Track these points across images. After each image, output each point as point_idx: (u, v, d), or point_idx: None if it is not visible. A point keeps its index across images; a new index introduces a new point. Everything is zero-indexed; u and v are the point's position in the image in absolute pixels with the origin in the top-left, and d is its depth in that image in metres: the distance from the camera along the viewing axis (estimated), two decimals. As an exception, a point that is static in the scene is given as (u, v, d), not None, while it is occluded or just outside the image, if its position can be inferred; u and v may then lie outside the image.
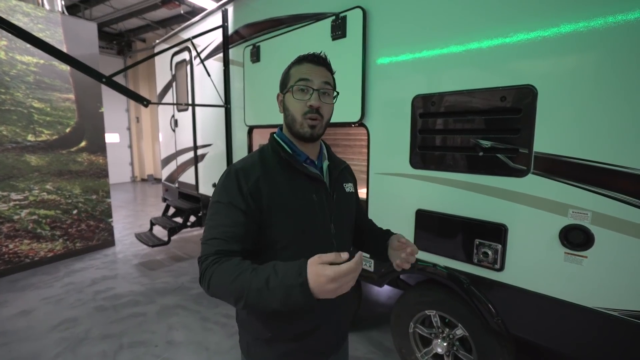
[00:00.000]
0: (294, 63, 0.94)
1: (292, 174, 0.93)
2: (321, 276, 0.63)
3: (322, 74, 0.91)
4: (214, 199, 0.90)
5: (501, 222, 1.51)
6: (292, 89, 0.90)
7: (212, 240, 0.84)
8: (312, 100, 0.88)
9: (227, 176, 0.89)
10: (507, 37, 1.42)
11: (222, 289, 0.77)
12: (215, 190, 0.91)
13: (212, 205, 0.89)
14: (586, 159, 1.27)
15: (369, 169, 2.02)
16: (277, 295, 0.68)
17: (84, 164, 4.33)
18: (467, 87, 1.55)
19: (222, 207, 0.87)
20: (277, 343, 0.95)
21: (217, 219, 0.86)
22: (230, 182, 0.88)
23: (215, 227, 0.85)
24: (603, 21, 1.20)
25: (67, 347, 2.46)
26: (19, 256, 3.81)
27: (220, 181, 0.91)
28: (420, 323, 2.03)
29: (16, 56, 3.65)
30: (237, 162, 0.94)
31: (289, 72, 0.94)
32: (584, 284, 1.33)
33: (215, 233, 0.84)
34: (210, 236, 0.84)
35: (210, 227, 0.86)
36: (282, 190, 0.89)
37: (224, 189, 0.88)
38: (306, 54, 0.93)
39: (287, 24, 2.38)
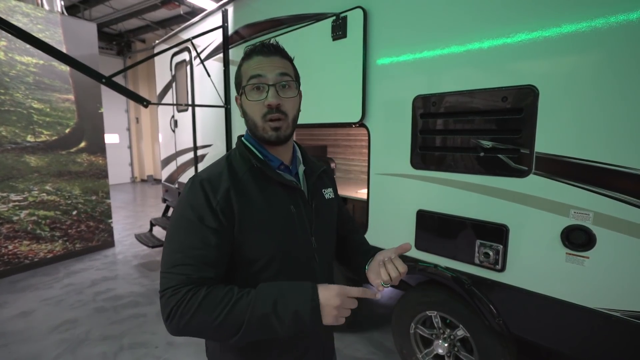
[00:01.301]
0: (244, 58, 0.81)
1: (265, 183, 0.81)
2: (331, 299, 0.65)
3: (276, 64, 0.78)
4: (176, 215, 0.75)
5: (502, 222, 1.51)
6: (244, 89, 0.78)
7: (179, 267, 0.69)
8: (270, 99, 0.76)
9: (192, 188, 0.75)
10: (508, 37, 1.42)
11: (210, 323, 0.65)
12: (177, 205, 0.76)
13: (175, 223, 0.74)
14: (588, 159, 1.27)
15: (370, 170, 2.01)
16: (286, 320, 0.65)
17: (83, 164, 4.32)
18: (468, 87, 1.55)
19: (188, 226, 0.72)
20: None
21: (182, 241, 0.71)
22: (196, 195, 0.73)
23: (181, 251, 0.70)
24: (604, 21, 1.20)
25: (67, 349, 2.45)
26: (19, 257, 3.80)
27: (183, 194, 0.76)
28: (421, 324, 2.03)
29: (16, 57, 3.64)
30: (202, 170, 0.80)
31: (240, 69, 0.81)
32: (586, 285, 1.33)
33: (181, 258, 0.69)
34: (175, 262, 0.69)
35: (174, 250, 0.71)
36: (255, 202, 0.77)
37: (188, 204, 0.73)
38: (255, 44, 0.80)
39: (287, 25, 2.37)
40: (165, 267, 0.70)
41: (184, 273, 0.68)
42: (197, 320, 0.66)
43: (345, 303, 0.67)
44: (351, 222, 1.12)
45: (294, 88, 0.80)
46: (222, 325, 0.65)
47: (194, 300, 0.66)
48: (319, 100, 2.20)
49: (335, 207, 1.00)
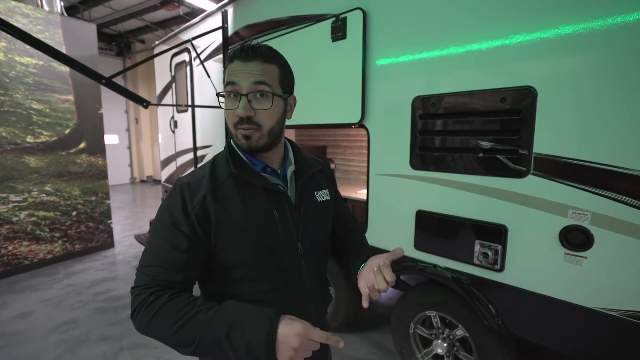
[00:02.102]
0: (227, 60, 0.77)
1: (247, 188, 0.78)
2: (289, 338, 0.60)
3: (252, 71, 0.72)
4: (155, 218, 0.77)
5: (501, 222, 1.52)
6: (221, 95, 0.76)
7: (149, 267, 0.71)
8: (239, 110, 0.72)
9: (173, 192, 0.77)
10: (507, 39, 1.43)
11: (166, 331, 0.65)
12: (159, 207, 0.78)
13: (154, 226, 0.77)
14: (586, 160, 1.28)
15: (369, 170, 2.02)
16: (238, 348, 0.62)
17: (83, 165, 4.33)
18: (467, 88, 1.56)
19: (163, 229, 0.74)
20: None
21: (156, 243, 0.73)
22: (174, 200, 0.75)
23: (153, 252, 0.73)
24: (602, 23, 1.21)
25: (66, 349, 2.45)
26: (18, 258, 3.80)
27: (165, 197, 0.79)
28: (421, 324, 2.04)
29: (15, 57, 3.64)
30: (187, 174, 0.81)
31: (225, 73, 0.77)
32: (584, 285, 1.33)
33: (153, 259, 0.72)
34: (147, 263, 0.72)
35: (147, 251, 0.74)
36: (234, 208, 0.75)
37: (166, 208, 0.75)
38: (238, 47, 0.75)
39: (287, 26, 2.38)
40: (140, 265, 0.73)
41: (152, 274, 0.70)
42: (154, 325, 0.67)
43: (304, 345, 0.61)
44: (352, 222, 1.08)
45: (270, 98, 0.74)
46: (175, 336, 0.65)
47: (155, 304, 0.67)
48: (318, 101, 2.21)
49: (329, 209, 0.95)
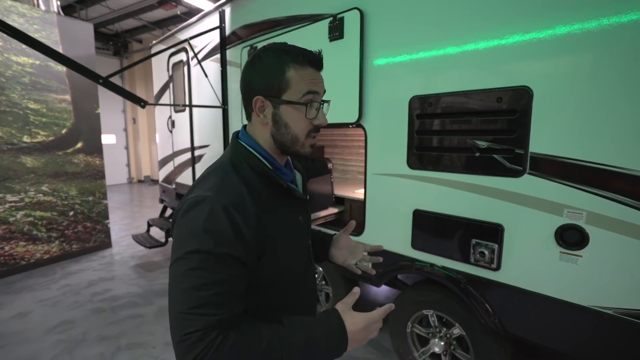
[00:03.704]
0: (293, 63, 0.71)
1: (279, 196, 0.76)
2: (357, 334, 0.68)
3: (322, 81, 0.75)
4: (192, 245, 0.63)
5: (498, 222, 1.53)
6: (293, 101, 0.71)
7: (205, 307, 0.60)
8: (321, 119, 0.74)
9: (213, 215, 0.64)
10: (503, 39, 1.44)
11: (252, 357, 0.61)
12: (190, 233, 0.64)
13: (192, 256, 0.62)
14: (581, 160, 1.29)
15: (367, 170, 2.03)
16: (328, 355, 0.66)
17: (80, 165, 4.31)
18: (464, 88, 1.57)
19: (213, 259, 0.62)
20: None
21: (205, 276, 0.61)
22: (221, 224, 0.63)
23: (204, 288, 0.61)
24: (597, 23, 1.22)
25: (64, 349, 2.45)
26: (15, 258, 3.78)
27: (198, 220, 0.64)
28: (418, 323, 2.05)
29: (11, 57, 3.63)
30: (215, 192, 0.66)
31: (285, 73, 0.70)
32: (579, 283, 1.35)
33: (207, 296, 0.60)
34: (199, 301, 0.60)
35: (194, 287, 0.61)
36: (279, 221, 0.73)
37: (210, 234, 0.63)
38: (305, 51, 0.73)
39: (284, 25, 2.38)
40: (184, 306, 0.60)
41: (212, 313, 0.60)
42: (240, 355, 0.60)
43: (370, 330, 0.70)
44: None
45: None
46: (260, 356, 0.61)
47: (223, 346, 0.59)
48: (316, 101, 2.21)
49: None
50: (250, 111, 0.77)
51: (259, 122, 0.76)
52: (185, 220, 0.66)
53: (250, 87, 0.74)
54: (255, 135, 0.79)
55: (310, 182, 2.30)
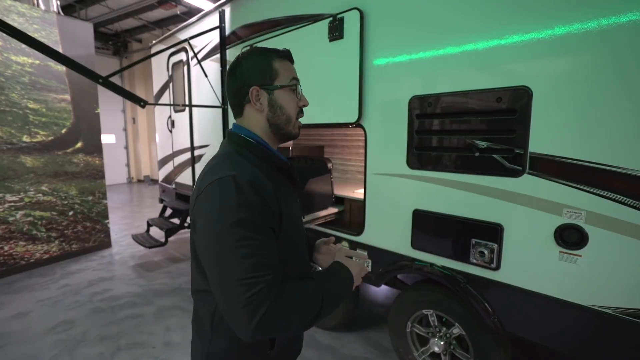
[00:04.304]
0: (276, 58, 0.85)
1: (282, 178, 0.88)
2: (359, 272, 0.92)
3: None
4: (230, 220, 0.69)
5: (497, 221, 1.53)
6: (283, 87, 0.84)
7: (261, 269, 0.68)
8: (304, 100, 0.90)
9: (242, 191, 0.71)
10: (503, 39, 1.44)
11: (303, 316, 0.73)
12: (221, 210, 0.70)
13: (234, 230, 0.68)
14: (580, 159, 1.29)
15: (367, 170, 2.03)
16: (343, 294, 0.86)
17: (80, 165, 4.31)
18: (464, 88, 1.57)
19: (253, 228, 0.69)
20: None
21: (252, 244, 0.68)
22: (253, 197, 0.71)
23: (255, 254, 0.68)
24: (596, 23, 1.22)
25: (63, 349, 2.45)
26: (14, 258, 3.78)
27: (229, 196, 0.70)
28: (418, 322, 2.05)
29: (11, 56, 3.63)
30: (237, 172, 0.74)
31: (272, 65, 0.84)
32: (579, 283, 1.35)
33: (259, 260, 0.68)
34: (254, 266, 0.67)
35: (246, 255, 0.67)
36: (288, 200, 0.83)
37: (244, 206, 0.69)
38: (280, 50, 0.87)
39: (284, 25, 2.38)
40: (242, 274, 0.66)
41: (267, 273, 0.68)
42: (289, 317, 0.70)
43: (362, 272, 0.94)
44: None
45: None
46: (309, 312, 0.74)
47: (284, 297, 0.69)
48: (315, 101, 2.21)
49: None
50: (244, 104, 0.86)
51: (255, 110, 0.86)
52: (215, 199, 0.72)
53: (244, 83, 0.84)
54: (249, 126, 0.88)
55: (310, 182, 2.30)
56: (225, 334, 0.83)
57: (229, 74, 0.87)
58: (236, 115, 0.90)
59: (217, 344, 0.84)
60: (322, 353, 2.40)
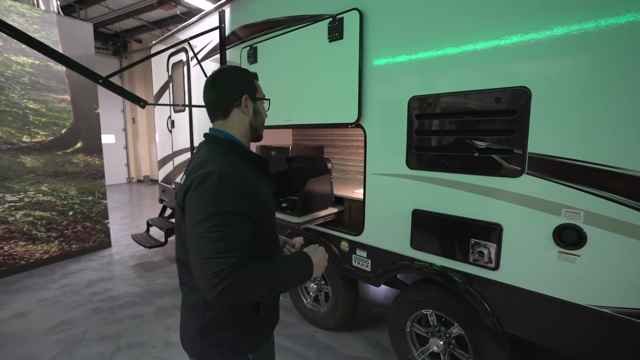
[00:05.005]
0: (254, 77, 1.09)
1: (258, 174, 1.05)
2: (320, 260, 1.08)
3: None
4: (211, 209, 0.85)
5: (496, 221, 1.53)
6: (261, 99, 1.10)
7: (228, 252, 0.83)
8: (266, 114, 1.15)
9: (224, 184, 0.87)
10: (502, 39, 1.44)
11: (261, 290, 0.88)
12: (209, 196, 0.86)
13: (212, 217, 0.85)
14: (579, 160, 1.30)
15: (366, 170, 2.03)
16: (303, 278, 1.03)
17: (79, 165, 4.31)
18: (463, 88, 1.57)
19: (229, 217, 0.86)
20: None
21: (225, 230, 0.84)
22: (233, 190, 0.88)
23: (226, 238, 0.84)
24: (595, 24, 1.23)
25: (63, 349, 2.45)
26: (14, 258, 3.78)
27: (213, 186, 0.86)
28: (417, 322, 2.05)
29: (11, 57, 3.63)
30: (222, 168, 0.90)
31: (253, 82, 1.08)
32: (577, 282, 1.35)
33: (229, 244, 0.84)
34: (223, 248, 0.83)
35: (218, 239, 0.83)
36: (264, 191, 1.00)
37: (224, 197, 0.86)
38: (254, 72, 1.12)
39: (284, 26, 2.39)
40: (212, 253, 0.82)
41: (233, 256, 0.83)
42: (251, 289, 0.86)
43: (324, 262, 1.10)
44: None
45: None
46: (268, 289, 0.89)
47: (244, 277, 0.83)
48: (315, 101, 2.22)
49: None
50: (233, 108, 1.04)
51: (242, 113, 1.05)
52: (201, 190, 0.88)
53: (236, 90, 1.03)
54: (231, 128, 1.05)
55: (309, 182, 2.31)
56: (217, 307, 0.99)
57: (218, 81, 1.04)
58: (219, 117, 1.05)
59: (210, 315, 1.00)
60: (322, 353, 2.40)
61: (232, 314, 1.01)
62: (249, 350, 1.07)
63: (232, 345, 1.02)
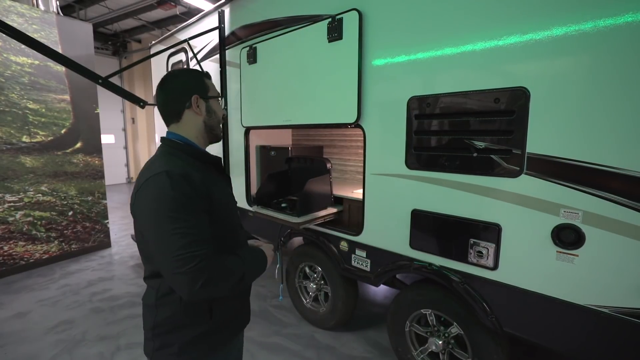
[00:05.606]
0: (205, 76, 1.08)
1: (213, 173, 1.06)
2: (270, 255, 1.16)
3: None
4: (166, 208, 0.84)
5: (495, 221, 1.54)
6: (215, 98, 1.09)
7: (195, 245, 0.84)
8: (223, 110, 1.15)
9: (173, 181, 0.87)
10: (501, 40, 1.45)
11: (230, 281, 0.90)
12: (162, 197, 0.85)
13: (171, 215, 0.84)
14: (577, 160, 1.30)
15: (365, 170, 2.04)
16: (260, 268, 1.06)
17: (79, 165, 4.31)
18: (462, 88, 1.58)
19: (186, 212, 0.86)
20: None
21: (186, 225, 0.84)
22: (182, 186, 0.87)
23: (190, 233, 0.84)
24: (593, 25, 1.23)
25: (63, 349, 2.45)
26: (14, 258, 3.78)
27: (163, 187, 0.86)
28: (416, 322, 2.06)
29: (10, 57, 3.63)
30: (169, 168, 0.90)
31: (204, 81, 1.07)
32: (576, 282, 1.36)
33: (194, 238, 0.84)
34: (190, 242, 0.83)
35: (182, 234, 0.83)
36: (217, 189, 1.00)
37: (179, 194, 0.86)
38: (205, 71, 1.13)
39: (283, 26, 2.39)
40: (181, 250, 0.82)
41: (202, 248, 0.84)
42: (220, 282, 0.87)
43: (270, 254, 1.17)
44: None
45: None
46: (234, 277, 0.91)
47: (217, 267, 0.86)
48: (315, 101, 2.22)
49: None
50: (184, 110, 1.03)
51: (194, 114, 1.05)
52: (153, 190, 0.88)
53: (185, 92, 1.03)
54: (185, 130, 1.05)
55: (309, 182, 2.31)
56: (169, 307, 0.98)
57: (167, 85, 1.04)
58: (172, 120, 1.05)
59: (162, 314, 0.99)
60: (322, 352, 2.41)
61: (185, 315, 0.98)
62: (200, 355, 1.02)
63: (181, 347, 0.99)
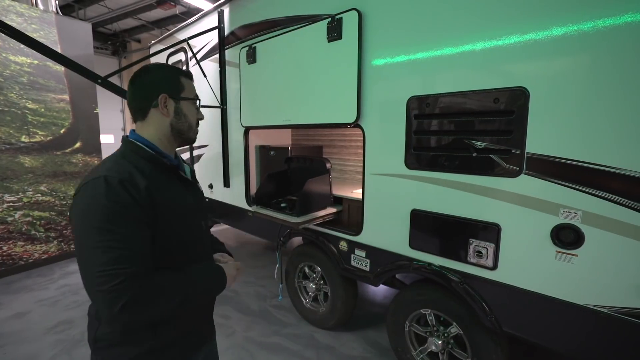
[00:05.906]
0: (183, 75, 1.00)
1: (170, 179, 0.95)
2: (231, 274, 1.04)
3: None
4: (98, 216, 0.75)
5: (494, 221, 1.54)
6: (188, 100, 1.00)
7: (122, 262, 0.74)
8: (201, 115, 1.06)
9: (110, 187, 0.78)
10: (500, 40, 1.45)
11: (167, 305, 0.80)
12: (94, 204, 0.77)
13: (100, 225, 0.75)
14: (577, 160, 1.30)
15: (365, 170, 2.04)
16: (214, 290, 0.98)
17: (78, 165, 4.31)
18: (461, 88, 1.58)
19: (118, 223, 0.76)
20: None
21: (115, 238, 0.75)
22: (120, 194, 0.78)
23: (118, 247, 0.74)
24: (593, 25, 1.23)
25: (63, 349, 2.45)
26: (13, 258, 3.78)
27: (97, 193, 0.77)
28: (416, 322, 2.06)
29: (9, 56, 3.62)
30: (109, 172, 0.81)
31: (179, 80, 0.98)
32: (575, 282, 1.36)
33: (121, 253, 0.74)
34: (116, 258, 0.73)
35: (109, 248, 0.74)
36: (169, 197, 0.91)
37: (113, 202, 0.77)
38: (185, 70, 1.04)
39: (283, 26, 2.39)
40: (104, 266, 0.73)
41: (128, 266, 0.74)
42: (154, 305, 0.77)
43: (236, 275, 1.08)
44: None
45: None
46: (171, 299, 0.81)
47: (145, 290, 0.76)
48: (314, 101, 2.22)
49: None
50: (150, 108, 0.95)
51: (160, 114, 0.96)
52: (87, 197, 0.79)
53: (154, 89, 0.94)
54: (149, 130, 0.96)
55: (308, 182, 2.31)
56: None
57: (137, 79, 0.96)
58: (137, 118, 0.97)
59: (103, 328, 0.90)
60: (321, 352, 2.41)
61: (123, 332, 0.88)
62: None
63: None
